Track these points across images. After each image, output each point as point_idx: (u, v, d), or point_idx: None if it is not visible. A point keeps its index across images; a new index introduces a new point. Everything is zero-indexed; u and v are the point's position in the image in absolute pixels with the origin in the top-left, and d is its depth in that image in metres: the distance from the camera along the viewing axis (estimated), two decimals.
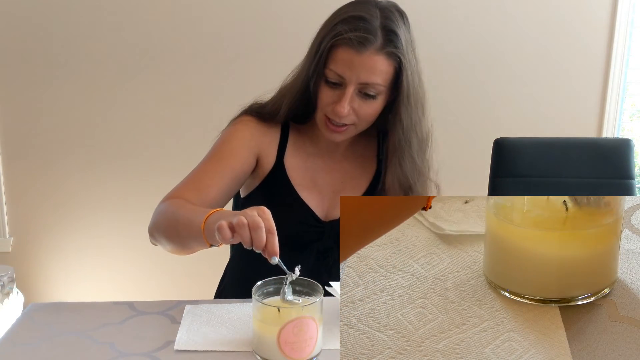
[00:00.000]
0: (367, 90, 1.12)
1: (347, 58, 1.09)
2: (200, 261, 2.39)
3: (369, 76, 1.10)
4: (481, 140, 1.93)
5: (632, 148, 1.60)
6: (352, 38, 1.08)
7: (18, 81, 2.28)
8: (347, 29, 1.08)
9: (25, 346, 0.94)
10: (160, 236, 1.11)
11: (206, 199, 1.16)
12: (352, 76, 1.10)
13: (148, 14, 2.24)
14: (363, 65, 1.09)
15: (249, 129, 1.23)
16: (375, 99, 1.14)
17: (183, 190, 1.16)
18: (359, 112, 1.14)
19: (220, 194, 1.19)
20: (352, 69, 1.10)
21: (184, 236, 1.04)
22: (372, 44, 1.08)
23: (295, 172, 1.25)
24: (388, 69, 1.11)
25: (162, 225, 1.10)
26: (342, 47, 1.10)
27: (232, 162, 1.20)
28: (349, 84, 1.11)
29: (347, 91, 1.11)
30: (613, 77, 2.33)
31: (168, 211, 1.10)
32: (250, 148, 1.22)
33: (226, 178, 1.19)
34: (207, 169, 1.20)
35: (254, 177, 1.27)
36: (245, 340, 0.95)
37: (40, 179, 2.37)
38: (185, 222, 1.04)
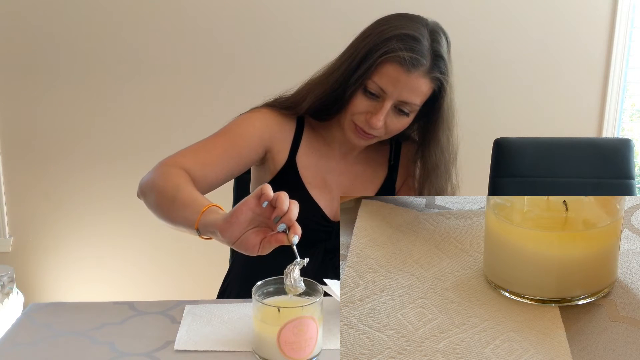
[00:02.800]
0: (402, 108, 1.14)
1: (395, 75, 1.10)
2: (200, 261, 2.39)
3: (410, 96, 1.12)
4: (481, 140, 1.93)
5: (632, 148, 1.60)
6: (406, 58, 1.09)
7: (18, 82, 2.28)
8: (402, 47, 1.09)
9: (25, 346, 0.94)
10: (150, 199, 1.10)
11: (208, 177, 1.16)
12: (395, 93, 1.12)
13: (146, 16, 2.24)
14: (408, 85, 1.11)
15: (265, 120, 1.23)
16: (407, 116, 1.16)
17: (187, 160, 1.15)
18: (389, 125, 1.17)
19: (222, 174, 1.19)
20: (396, 86, 1.11)
21: (175, 218, 1.03)
22: (422, 66, 1.11)
23: (307, 170, 1.26)
24: (428, 91, 1.14)
25: (156, 192, 1.09)
26: (392, 64, 1.10)
27: (241, 147, 1.20)
28: (388, 99, 1.12)
29: (385, 105, 1.13)
30: (613, 77, 2.33)
31: (168, 184, 1.08)
32: (261, 138, 1.23)
33: (232, 160, 1.19)
34: (215, 146, 1.19)
35: (265, 172, 1.27)
36: (245, 340, 0.95)
37: (40, 179, 2.37)
38: (181, 202, 1.03)
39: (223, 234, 0.92)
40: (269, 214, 0.90)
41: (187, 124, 2.31)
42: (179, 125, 2.33)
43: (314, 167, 1.27)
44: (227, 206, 1.36)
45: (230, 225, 0.91)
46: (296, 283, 0.90)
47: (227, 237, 0.92)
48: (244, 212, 0.90)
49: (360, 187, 1.29)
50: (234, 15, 2.24)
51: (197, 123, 2.28)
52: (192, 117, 2.31)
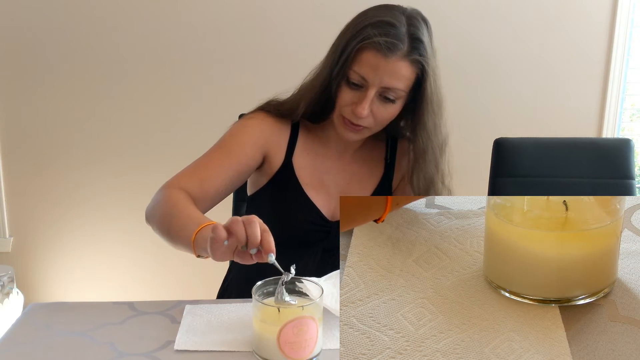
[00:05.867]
0: (387, 95, 1.14)
1: (374, 62, 1.11)
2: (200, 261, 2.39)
3: (391, 81, 1.12)
4: (481, 140, 1.93)
5: (632, 148, 1.60)
6: (381, 42, 1.09)
7: (17, 81, 2.28)
8: (377, 33, 1.10)
9: (25, 346, 0.94)
10: (154, 224, 1.12)
11: (208, 191, 1.17)
12: (376, 79, 1.11)
13: (145, 14, 2.24)
14: (387, 70, 1.11)
15: (260, 126, 1.24)
16: (394, 103, 1.15)
17: (186, 179, 1.17)
18: (376, 115, 1.16)
19: (223, 187, 1.20)
20: (376, 72, 1.11)
21: (175, 237, 1.05)
22: (399, 50, 1.10)
23: (304, 171, 1.26)
24: (410, 75, 1.13)
25: (157, 216, 1.11)
26: (369, 51, 1.11)
27: (238, 157, 1.21)
28: (371, 86, 1.12)
29: (369, 94, 1.12)
30: (613, 77, 2.33)
31: (165, 205, 1.10)
32: (258, 145, 1.23)
33: (230, 172, 1.20)
34: (212, 161, 1.20)
35: (262, 175, 1.28)
36: (245, 340, 0.95)
37: (40, 179, 2.37)
38: (178, 225, 1.05)
39: (214, 259, 0.94)
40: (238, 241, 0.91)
41: (186, 122, 2.31)
42: (177, 124, 2.32)
43: (310, 167, 1.27)
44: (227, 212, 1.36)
45: (216, 254, 0.93)
46: (281, 296, 0.91)
47: (219, 260, 0.94)
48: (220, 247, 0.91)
49: (357, 186, 1.29)
50: (232, 14, 2.24)
51: (195, 121, 2.28)
52: (190, 116, 2.31)
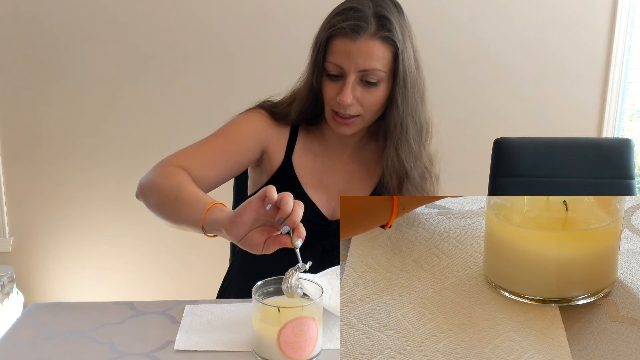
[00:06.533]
0: (368, 78, 1.13)
1: (343, 47, 1.12)
2: (200, 261, 2.39)
3: (366, 62, 1.12)
4: (481, 140, 1.93)
5: (632, 148, 1.60)
6: (345, 27, 1.11)
7: (18, 82, 2.28)
8: (340, 19, 1.12)
9: (25, 346, 0.95)
10: (151, 199, 1.10)
11: (207, 176, 1.17)
12: (351, 64, 1.12)
13: (148, 16, 2.24)
14: (359, 52, 1.11)
15: (261, 121, 1.25)
16: (377, 86, 1.15)
17: (186, 160, 1.16)
18: (362, 101, 1.15)
19: (221, 174, 1.20)
20: (349, 57, 1.11)
21: (179, 217, 1.04)
22: (366, 31, 1.11)
23: (303, 170, 1.26)
24: (385, 54, 1.13)
25: (157, 193, 1.09)
26: (337, 38, 1.12)
27: (238, 146, 1.22)
28: (348, 73, 1.13)
29: (348, 80, 1.13)
30: (613, 77, 2.33)
31: (169, 183, 1.09)
32: (258, 139, 1.24)
33: (230, 161, 1.21)
34: (213, 146, 1.20)
35: (262, 173, 1.28)
36: (245, 340, 0.95)
37: (40, 179, 2.37)
38: (185, 200, 1.03)
39: (228, 232, 0.93)
40: (273, 214, 0.90)
41: (188, 124, 2.31)
42: (179, 126, 2.33)
43: (310, 166, 1.27)
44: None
45: (235, 224, 0.91)
46: (293, 289, 0.90)
47: (232, 236, 0.92)
48: (248, 212, 0.91)
49: (356, 185, 1.29)
50: (237, 14, 2.24)
51: (198, 123, 2.26)
52: (193, 118, 2.31)
